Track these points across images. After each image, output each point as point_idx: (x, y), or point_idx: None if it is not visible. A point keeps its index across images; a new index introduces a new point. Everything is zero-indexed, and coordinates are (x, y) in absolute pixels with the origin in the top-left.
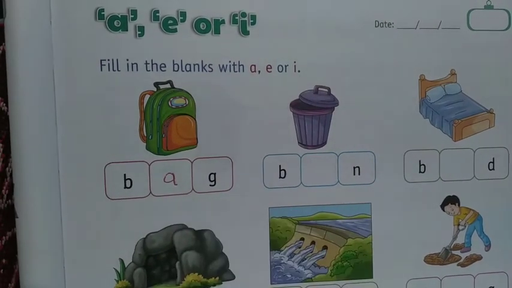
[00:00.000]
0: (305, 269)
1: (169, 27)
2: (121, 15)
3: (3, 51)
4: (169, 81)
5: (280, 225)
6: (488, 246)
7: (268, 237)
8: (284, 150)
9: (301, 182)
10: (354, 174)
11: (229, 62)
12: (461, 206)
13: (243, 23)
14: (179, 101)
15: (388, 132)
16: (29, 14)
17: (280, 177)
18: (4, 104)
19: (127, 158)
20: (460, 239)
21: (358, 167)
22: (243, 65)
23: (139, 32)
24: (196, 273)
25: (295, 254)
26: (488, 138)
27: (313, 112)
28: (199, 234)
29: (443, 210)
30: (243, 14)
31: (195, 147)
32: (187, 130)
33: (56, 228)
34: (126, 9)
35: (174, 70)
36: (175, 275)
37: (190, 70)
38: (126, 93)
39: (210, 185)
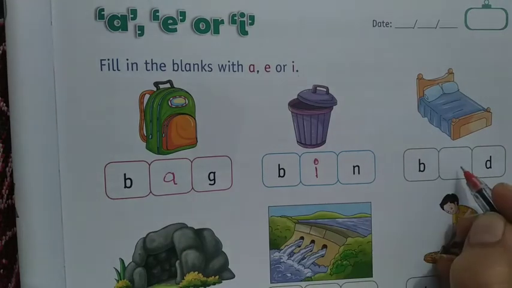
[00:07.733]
0: (305, 268)
1: (169, 27)
2: (121, 15)
3: (4, 51)
4: (169, 81)
5: (280, 224)
6: None
7: (267, 236)
8: (283, 149)
9: (301, 181)
10: (354, 173)
11: (228, 61)
12: (460, 204)
13: (242, 23)
14: (179, 101)
15: (387, 131)
16: (29, 14)
17: (279, 176)
18: (4, 104)
19: (127, 157)
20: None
21: (358, 166)
22: (242, 65)
23: (139, 32)
24: (196, 272)
25: (294, 252)
26: (486, 137)
27: (312, 111)
28: (199, 233)
29: (443, 209)
30: (242, 15)
31: (195, 146)
32: (187, 130)
33: (56, 228)
34: (126, 9)
35: (173, 70)
36: (175, 274)
37: (190, 70)
38: (126, 92)
39: (210, 184)
